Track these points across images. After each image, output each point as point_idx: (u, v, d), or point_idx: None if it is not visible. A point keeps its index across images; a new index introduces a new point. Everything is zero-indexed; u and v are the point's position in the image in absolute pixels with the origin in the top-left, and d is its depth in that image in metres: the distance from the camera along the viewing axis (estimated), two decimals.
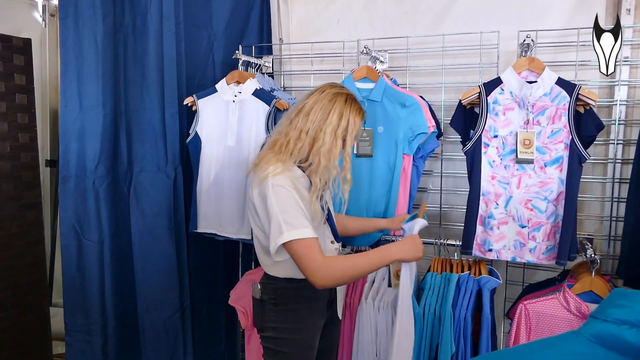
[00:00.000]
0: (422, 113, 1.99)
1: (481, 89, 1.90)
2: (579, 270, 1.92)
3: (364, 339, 1.97)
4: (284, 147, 1.59)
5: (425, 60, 2.33)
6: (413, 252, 1.66)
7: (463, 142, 1.96)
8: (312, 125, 1.57)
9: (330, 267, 1.48)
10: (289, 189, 1.50)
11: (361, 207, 2.06)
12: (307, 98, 1.62)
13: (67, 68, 2.02)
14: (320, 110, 1.58)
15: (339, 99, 1.59)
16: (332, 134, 1.57)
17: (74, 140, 2.05)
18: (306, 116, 1.58)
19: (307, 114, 1.58)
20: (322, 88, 1.63)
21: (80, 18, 2.02)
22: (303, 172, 1.62)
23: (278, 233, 1.47)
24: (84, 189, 2.09)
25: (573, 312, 1.74)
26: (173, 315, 2.35)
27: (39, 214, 2.36)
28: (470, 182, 1.92)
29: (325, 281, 1.48)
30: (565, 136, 1.81)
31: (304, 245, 1.47)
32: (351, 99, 1.62)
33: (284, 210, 1.48)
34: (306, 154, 1.60)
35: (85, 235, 2.10)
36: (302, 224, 1.48)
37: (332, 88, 1.63)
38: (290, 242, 1.46)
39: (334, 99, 1.59)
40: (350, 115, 1.59)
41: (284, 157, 1.58)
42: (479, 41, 2.17)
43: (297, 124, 1.59)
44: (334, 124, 1.57)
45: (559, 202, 1.83)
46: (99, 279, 2.14)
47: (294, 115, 1.62)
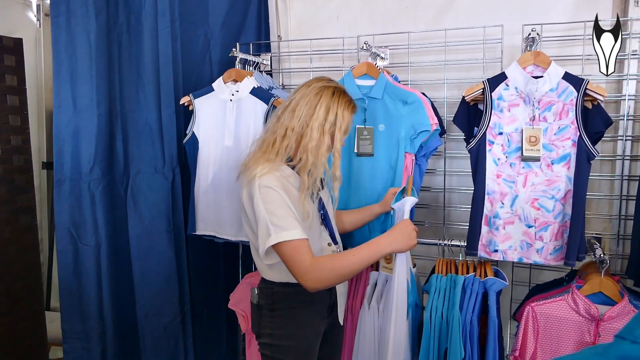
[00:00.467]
0: (424, 110, 1.94)
1: (485, 85, 1.85)
2: (588, 270, 1.87)
3: (365, 344, 1.92)
4: (271, 146, 1.55)
5: (427, 56, 2.29)
6: (406, 242, 1.57)
7: (467, 139, 1.92)
8: (298, 122, 1.52)
9: (317, 268, 1.42)
10: (276, 190, 1.45)
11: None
12: (294, 94, 1.58)
13: (59, 68, 1.99)
14: (306, 105, 1.53)
15: (325, 93, 1.54)
16: (319, 130, 1.52)
17: (68, 142, 2.03)
18: (292, 112, 1.54)
19: (293, 110, 1.54)
20: (309, 82, 1.59)
21: (72, 16, 1.99)
22: (293, 171, 1.57)
23: (266, 235, 1.43)
24: (80, 192, 2.06)
25: (582, 314, 1.70)
26: (173, 320, 2.32)
27: (33, 218, 2.32)
28: (474, 181, 1.88)
29: (314, 283, 1.42)
30: (572, 133, 1.77)
31: (291, 247, 1.42)
32: (339, 91, 1.57)
33: (272, 212, 1.43)
34: (294, 152, 1.55)
35: (81, 240, 2.07)
36: (290, 225, 1.43)
37: (318, 82, 1.58)
38: (278, 244, 1.42)
39: (320, 93, 1.54)
40: (338, 108, 1.54)
41: (271, 156, 1.53)
42: (482, 36, 2.13)
43: (284, 121, 1.55)
44: (320, 118, 1.52)
45: (567, 201, 1.78)
46: (96, 284, 2.11)
47: (281, 112, 1.58)
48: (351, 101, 1.59)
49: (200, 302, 2.50)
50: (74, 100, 2.02)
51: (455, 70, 2.24)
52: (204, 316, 2.53)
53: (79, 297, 2.08)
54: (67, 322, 2.06)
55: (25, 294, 2.29)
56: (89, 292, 2.09)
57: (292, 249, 1.42)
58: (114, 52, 2.13)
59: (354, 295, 2.01)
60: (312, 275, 1.41)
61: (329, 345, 1.74)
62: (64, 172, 2.02)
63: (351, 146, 2.02)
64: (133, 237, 2.22)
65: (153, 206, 2.26)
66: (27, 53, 2.50)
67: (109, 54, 2.10)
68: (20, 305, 2.28)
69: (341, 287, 1.73)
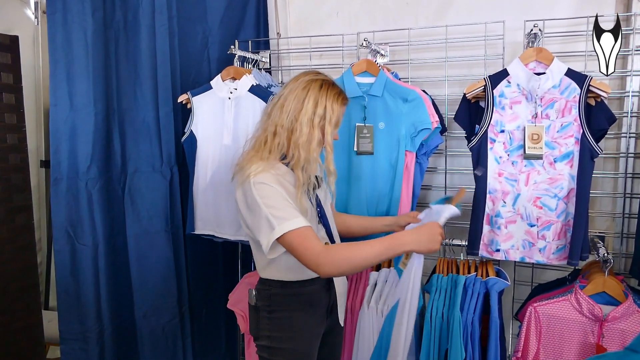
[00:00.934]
0: (424, 108, 1.93)
1: (486, 82, 1.83)
2: (591, 269, 1.85)
3: (365, 346, 1.90)
4: (264, 144, 1.53)
5: (428, 53, 2.26)
6: (430, 244, 1.49)
7: (468, 137, 1.90)
8: (287, 117, 1.50)
9: (331, 254, 1.40)
10: (271, 185, 1.44)
11: (362, 207, 2.00)
12: (283, 89, 1.56)
13: (56, 66, 1.98)
14: (294, 100, 1.51)
15: (312, 86, 1.52)
16: (309, 124, 1.49)
17: (65, 140, 2.02)
18: (281, 108, 1.52)
19: (282, 105, 1.52)
20: (297, 77, 1.57)
21: (69, 13, 1.98)
22: (287, 167, 1.55)
23: (269, 230, 1.40)
24: (77, 191, 2.05)
25: (585, 315, 1.68)
26: (172, 321, 2.31)
27: (30, 218, 2.31)
28: (475, 180, 1.86)
29: (328, 268, 1.39)
30: (575, 130, 1.74)
31: (297, 236, 1.39)
32: (327, 84, 1.54)
33: (271, 206, 1.41)
34: (286, 148, 1.53)
35: (78, 239, 2.06)
36: (292, 215, 1.41)
37: (306, 75, 1.56)
38: (284, 235, 1.39)
39: (308, 87, 1.52)
40: (327, 101, 1.51)
41: (265, 154, 1.51)
42: (484, 32, 2.10)
43: (274, 117, 1.53)
44: (309, 113, 1.50)
45: (570, 200, 1.76)
46: (94, 284, 2.10)
47: (271, 108, 1.56)
48: (341, 93, 1.56)
49: (199, 302, 2.49)
50: (71, 98, 2.01)
51: (456, 67, 2.21)
52: (203, 316, 2.52)
53: (77, 298, 2.06)
54: (64, 322, 2.05)
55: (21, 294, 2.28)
56: (87, 292, 2.08)
57: (299, 237, 1.39)
58: (111, 49, 2.11)
59: (354, 296, 1.99)
60: (326, 261, 1.39)
61: (329, 346, 1.71)
62: (60, 171, 2.01)
63: (351, 145, 2.00)
64: (131, 236, 2.20)
65: (151, 205, 2.24)
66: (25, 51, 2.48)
67: (105, 52, 2.08)
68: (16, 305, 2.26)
69: (341, 287, 1.70)
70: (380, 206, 2.00)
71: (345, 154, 2.00)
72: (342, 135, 1.91)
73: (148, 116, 2.21)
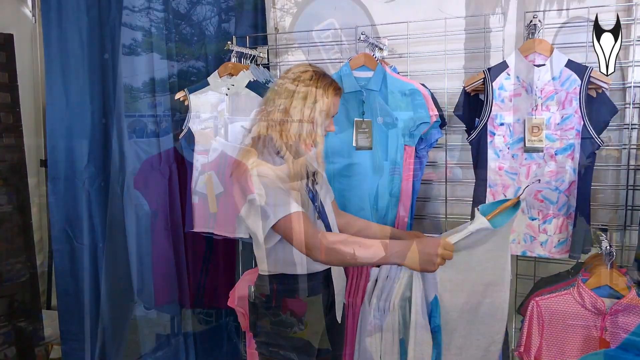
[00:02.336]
0: (423, 102, 1.92)
1: (486, 75, 1.82)
2: (594, 263, 1.83)
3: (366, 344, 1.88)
4: (258, 139, 1.55)
5: (427, 46, 2.24)
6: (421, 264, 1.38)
7: (468, 131, 1.90)
8: (279, 111, 1.52)
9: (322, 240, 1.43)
10: (267, 177, 1.46)
11: (362, 202, 1.98)
12: (275, 83, 1.59)
13: (51, 64, 1.99)
14: (285, 93, 1.53)
15: (302, 78, 1.53)
16: (299, 116, 1.51)
17: (62, 139, 2.03)
18: (273, 102, 1.54)
19: (274, 99, 1.54)
20: (288, 70, 1.59)
21: (63, 11, 1.98)
22: (282, 160, 1.55)
23: (264, 217, 1.44)
24: (74, 190, 2.06)
25: (588, 308, 1.67)
26: (173, 320, 2.30)
27: (27, 217, 2.31)
28: (476, 174, 1.85)
29: (318, 253, 1.42)
30: (576, 122, 1.73)
31: (291, 220, 1.42)
32: (317, 75, 1.55)
33: (265, 195, 1.44)
34: (279, 141, 1.54)
35: (77, 239, 2.07)
36: (285, 202, 1.44)
37: (297, 68, 1.58)
38: (278, 222, 1.42)
39: (297, 79, 1.53)
40: (317, 92, 1.52)
41: (260, 148, 1.53)
42: (483, 24, 2.09)
43: (267, 111, 1.54)
44: (299, 105, 1.51)
45: (571, 192, 1.75)
46: (93, 284, 2.11)
47: (264, 104, 1.58)
48: (332, 84, 1.56)
49: (200, 300, 2.48)
50: (67, 97, 2.02)
51: (455, 60, 2.20)
52: (204, 314, 2.52)
53: (76, 298, 2.08)
54: (64, 323, 2.07)
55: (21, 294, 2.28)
56: (86, 292, 2.09)
57: (293, 221, 1.42)
58: (107, 47, 2.10)
59: (355, 292, 1.97)
60: (317, 244, 1.42)
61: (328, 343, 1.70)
62: (58, 170, 2.03)
63: (350, 140, 1.98)
64: (130, 235, 2.19)
65: (150, 203, 2.23)
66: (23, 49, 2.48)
67: (101, 49, 2.08)
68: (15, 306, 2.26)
69: (339, 285, 1.70)
70: (379, 201, 1.99)
71: (344, 150, 1.98)
72: (341, 131, 1.90)
73: (145, 114, 2.20)
